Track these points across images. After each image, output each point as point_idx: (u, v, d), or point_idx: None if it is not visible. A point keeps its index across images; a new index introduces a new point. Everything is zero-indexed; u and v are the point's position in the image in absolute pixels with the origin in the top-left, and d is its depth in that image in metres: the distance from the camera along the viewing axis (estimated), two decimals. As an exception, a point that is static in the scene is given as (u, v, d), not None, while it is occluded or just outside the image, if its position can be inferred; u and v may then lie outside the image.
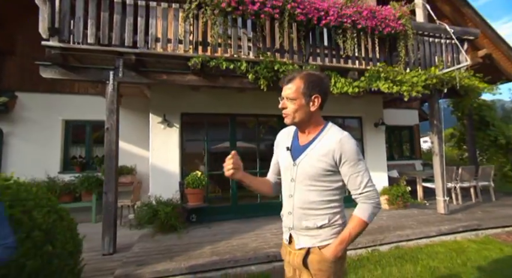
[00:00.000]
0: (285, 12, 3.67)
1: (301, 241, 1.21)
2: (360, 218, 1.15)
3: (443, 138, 4.88)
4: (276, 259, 3.07)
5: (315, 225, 1.17)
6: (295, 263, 1.22)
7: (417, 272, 2.76)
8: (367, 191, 1.15)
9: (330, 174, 1.17)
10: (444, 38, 4.89)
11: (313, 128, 1.24)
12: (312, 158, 1.19)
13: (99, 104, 5.67)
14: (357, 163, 1.15)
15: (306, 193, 1.20)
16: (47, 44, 3.16)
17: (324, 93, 1.21)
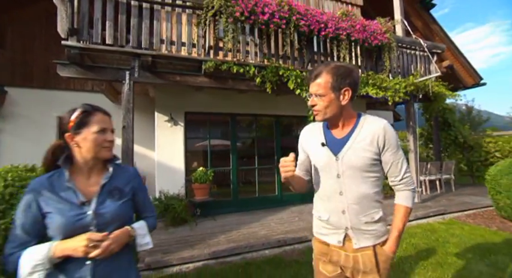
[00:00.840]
0: (291, 23, 4.07)
1: (361, 240, 1.12)
2: (406, 207, 1.14)
3: (416, 137, 5.65)
4: (286, 244, 3.49)
5: (373, 219, 1.12)
6: (361, 265, 1.12)
7: (403, 248, 3.33)
8: (407, 177, 1.15)
9: (375, 164, 1.14)
10: (419, 50, 5.64)
11: (348, 120, 1.19)
12: (357, 149, 1.13)
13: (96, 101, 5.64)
14: (398, 150, 1.14)
15: (358, 186, 1.13)
16: (66, 43, 3.22)
17: (355, 84, 1.15)
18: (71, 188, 0.95)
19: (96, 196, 0.97)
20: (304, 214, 4.82)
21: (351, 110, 1.19)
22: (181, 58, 3.78)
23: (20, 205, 0.92)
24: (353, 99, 1.17)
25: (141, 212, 1.11)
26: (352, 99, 1.16)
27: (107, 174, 1.03)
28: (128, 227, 1.00)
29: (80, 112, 1.01)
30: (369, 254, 1.11)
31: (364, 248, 1.12)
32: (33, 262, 0.84)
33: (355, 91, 1.16)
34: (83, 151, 0.99)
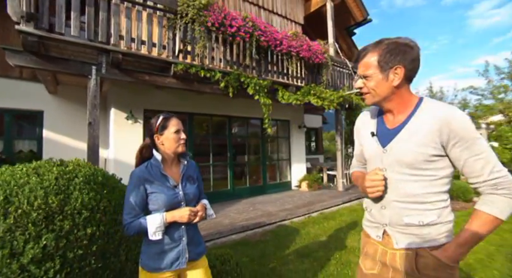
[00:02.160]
0: (253, 37, 4.63)
1: (402, 240, 1.00)
2: (488, 215, 0.88)
3: (345, 138, 7.06)
4: (248, 229, 4.06)
5: (421, 222, 0.96)
6: (399, 265, 1.01)
7: (336, 223, 4.35)
8: (495, 178, 0.88)
9: (434, 160, 0.94)
10: (346, 69, 7.04)
11: (403, 106, 1.01)
12: (408, 142, 0.97)
13: (24, 90, 4.98)
14: (474, 143, 0.89)
15: (404, 183, 0.98)
16: (22, 29, 2.94)
17: (410, 61, 0.96)
18: (165, 175, 1.30)
19: (180, 181, 1.34)
20: (255, 204, 5.49)
21: (408, 93, 1.01)
22: (152, 58, 3.87)
23: (130, 188, 1.23)
24: (410, 79, 1.00)
25: (200, 194, 1.49)
26: (410, 80, 1.00)
27: (183, 165, 1.39)
28: (203, 202, 1.40)
29: (162, 118, 1.34)
30: (410, 254, 0.98)
31: (408, 249, 0.98)
32: (155, 225, 1.18)
33: (411, 71, 0.98)
34: (165, 148, 1.33)
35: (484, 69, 10.44)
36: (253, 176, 6.87)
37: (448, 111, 0.92)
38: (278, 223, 4.40)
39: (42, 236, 1.27)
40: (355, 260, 2.88)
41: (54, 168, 1.53)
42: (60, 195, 1.42)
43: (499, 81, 9.87)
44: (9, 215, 1.24)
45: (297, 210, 4.90)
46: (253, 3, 6.94)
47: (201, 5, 3.99)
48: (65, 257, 1.31)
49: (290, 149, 7.60)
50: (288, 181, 7.49)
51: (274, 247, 3.40)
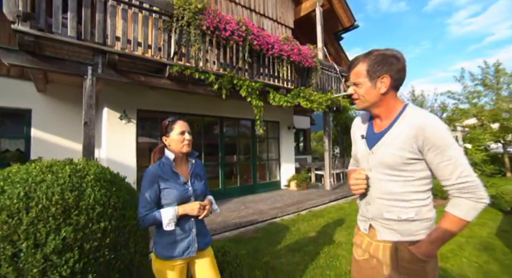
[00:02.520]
0: (246, 41, 4.79)
1: (383, 233, 1.12)
2: (454, 216, 0.98)
3: (331, 139, 7.34)
4: (241, 226, 4.21)
5: (399, 218, 1.06)
6: (381, 256, 1.12)
7: (324, 220, 4.58)
8: (462, 182, 0.96)
9: (412, 163, 1.04)
10: (333, 72, 7.33)
11: (389, 112, 1.11)
12: (390, 146, 1.07)
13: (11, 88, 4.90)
14: (446, 149, 0.97)
15: (385, 183, 1.09)
16: (18, 28, 2.95)
17: (396, 71, 1.06)
18: (176, 173, 1.43)
19: (189, 178, 1.47)
20: (247, 203, 5.65)
21: (396, 101, 1.11)
22: (148, 59, 3.94)
23: (145, 184, 1.35)
24: (397, 87, 1.11)
25: (206, 190, 1.63)
26: (396, 88, 1.10)
27: (191, 164, 1.52)
28: (209, 198, 1.54)
29: (169, 121, 1.48)
30: (390, 247, 1.09)
31: (387, 241, 1.10)
32: (168, 218, 1.31)
33: (396, 80, 1.08)
34: (172, 148, 1.46)
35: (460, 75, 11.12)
36: (243, 176, 7.01)
37: (424, 119, 1.01)
38: (269, 221, 4.57)
39: (61, 229, 1.37)
40: (343, 253, 3.10)
41: (67, 167, 1.62)
42: (74, 191, 1.52)
43: (473, 87, 10.56)
44: (31, 209, 1.33)
45: (287, 208, 5.09)
46: (245, 7, 7.10)
47: (196, 9, 4.10)
48: (82, 249, 1.41)
49: (279, 149, 7.80)
50: (277, 181, 7.69)
51: (267, 243, 3.56)
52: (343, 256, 3.02)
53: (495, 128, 10.27)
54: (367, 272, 1.19)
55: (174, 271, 1.39)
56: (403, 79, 1.10)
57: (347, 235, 3.73)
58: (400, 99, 1.14)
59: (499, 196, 4.72)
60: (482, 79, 10.46)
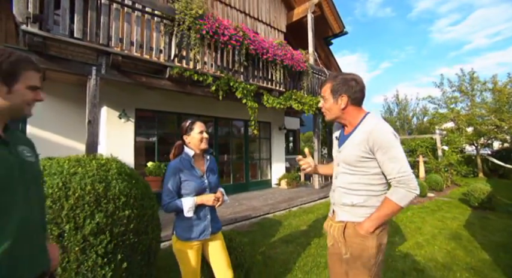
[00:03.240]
0: (243, 46, 5.04)
1: (339, 215, 1.37)
2: (388, 199, 1.23)
3: (320, 140, 7.71)
4: (237, 221, 4.45)
5: (351, 202, 1.31)
6: (335, 234, 1.38)
7: (314, 216, 4.91)
8: (399, 176, 1.20)
9: (365, 161, 1.27)
10: (324, 76, 7.70)
11: (352, 121, 1.35)
12: (349, 146, 1.32)
13: None
14: (388, 151, 1.21)
15: (346, 175, 1.35)
16: (28, 29, 3.07)
17: (352, 92, 1.31)
18: (194, 167, 1.67)
19: (205, 172, 1.72)
20: (240, 200, 5.89)
21: (356, 112, 1.34)
22: (150, 61, 4.11)
23: (168, 176, 1.59)
24: (356, 103, 1.33)
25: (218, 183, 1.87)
26: (356, 104, 1.33)
27: (207, 159, 1.77)
28: (221, 190, 1.78)
29: (189, 122, 1.71)
30: (340, 226, 1.35)
31: (340, 221, 1.36)
32: (188, 206, 1.55)
33: (354, 99, 1.32)
34: (192, 145, 1.70)
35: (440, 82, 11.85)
36: (236, 174, 7.25)
37: (373, 125, 1.25)
38: (262, 216, 4.84)
39: (95, 214, 1.58)
40: (330, 243, 3.42)
41: (93, 161, 1.82)
42: (102, 183, 1.72)
43: (451, 93, 11.29)
44: (69, 197, 1.54)
45: (279, 205, 5.39)
46: (240, 11, 7.34)
47: (197, 14, 4.31)
48: (112, 232, 1.63)
49: (271, 149, 8.10)
50: (268, 179, 7.98)
51: (262, 235, 3.83)
52: (332, 245, 3.34)
53: (470, 132, 11.04)
54: (334, 256, 1.45)
55: (192, 250, 1.63)
56: (361, 98, 1.35)
57: (335, 228, 4.06)
58: (363, 109, 1.38)
59: (469, 193, 5.22)
60: (459, 86, 11.20)
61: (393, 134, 1.24)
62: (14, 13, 3.06)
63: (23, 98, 0.90)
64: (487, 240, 3.45)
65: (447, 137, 9.26)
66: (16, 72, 0.88)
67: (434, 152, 9.12)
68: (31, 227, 0.89)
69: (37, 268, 0.92)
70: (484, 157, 11.10)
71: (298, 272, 2.64)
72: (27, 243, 0.87)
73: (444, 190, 7.36)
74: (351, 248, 1.31)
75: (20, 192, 0.86)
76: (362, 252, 1.28)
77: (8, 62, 0.86)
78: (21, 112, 0.94)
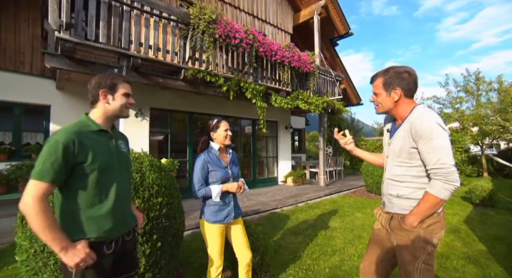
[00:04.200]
0: (253, 48, 5.27)
1: (388, 206, 1.43)
2: (427, 193, 1.23)
3: (325, 139, 7.91)
4: (246, 215, 4.70)
5: (397, 194, 1.35)
6: (383, 223, 1.45)
7: (320, 211, 5.13)
8: (437, 168, 1.19)
9: (410, 152, 1.29)
10: (328, 76, 7.90)
11: (403, 113, 1.36)
12: (398, 138, 1.35)
13: (33, 85, 5.24)
14: (430, 141, 1.20)
15: (393, 167, 1.39)
16: (61, 36, 3.35)
17: (406, 84, 1.33)
18: (220, 159, 1.92)
19: (228, 164, 1.96)
20: (248, 196, 6.14)
21: (407, 104, 1.36)
22: (167, 63, 4.37)
23: (198, 166, 1.85)
24: (410, 95, 1.36)
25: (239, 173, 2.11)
26: (409, 96, 1.36)
27: (229, 153, 2.02)
28: (242, 180, 2.03)
29: (216, 121, 1.96)
30: (387, 217, 1.42)
31: (388, 212, 1.42)
32: (216, 192, 1.81)
33: (407, 90, 1.34)
34: (217, 141, 1.95)
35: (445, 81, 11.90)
36: (244, 171, 7.50)
37: (417, 116, 1.27)
38: (271, 211, 5.09)
39: (135, 200, 1.84)
40: (337, 235, 3.64)
41: (147, 158, 2.09)
42: (138, 173, 1.98)
43: (456, 93, 11.35)
44: (115, 185, 1.80)
45: (286, 200, 5.62)
46: (249, 13, 7.58)
47: (210, 19, 4.55)
48: (148, 216, 1.88)
49: (277, 148, 8.33)
50: (275, 177, 8.22)
51: (271, 228, 4.08)
52: (338, 237, 3.57)
53: (475, 132, 11.10)
54: (377, 237, 1.53)
55: (217, 232, 1.88)
56: (415, 90, 1.37)
57: (341, 223, 4.29)
58: (414, 102, 1.39)
59: (471, 191, 5.39)
60: (464, 86, 11.27)
61: (437, 124, 1.22)
62: (49, 21, 3.34)
63: (121, 102, 1.27)
64: (484, 233, 3.64)
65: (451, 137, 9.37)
66: (115, 85, 1.25)
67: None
68: (123, 194, 1.27)
69: (128, 224, 1.31)
70: (489, 157, 11.16)
71: (307, 259, 2.88)
72: (122, 204, 1.25)
73: (447, 189, 7.50)
74: (397, 239, 1.35)
75: (117, 170, 1.24)
76: (408, 244, 1.30)
77: (110, 78, 1.25)
78: (121, 113, 1.30)
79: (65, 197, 1.14)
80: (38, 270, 1.72)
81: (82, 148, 1.12)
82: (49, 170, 1.04)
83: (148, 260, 1.86)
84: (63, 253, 1.04)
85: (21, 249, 1.77)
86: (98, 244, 1.16)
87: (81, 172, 1.12)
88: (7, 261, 2.72)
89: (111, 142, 1.27)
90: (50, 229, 1.01)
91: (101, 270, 1.16)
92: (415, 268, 1.30)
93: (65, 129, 1.14)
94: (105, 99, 1.25)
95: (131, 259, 1.38)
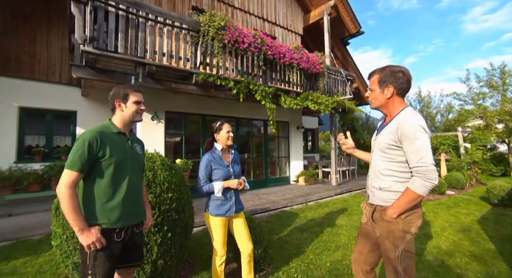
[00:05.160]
0: (261, 52, 5.45)
1: (371, 198, 1.54)
2: (408, 189, 1.33)
3: (337, 138, 7.92)
4: (256, 212, 4.88)
5: (379, 186, 1.46)
6: (367, 215, 1.57)
7: (329, 209, 5.20)
8: (419, 166, 1.29)
9: (393, 148, 1.40)
10: (339, 76, 7.90)
11: (393, 112, 1.46)
12: (383, 134, 1.45)
13: (62, 93, 5.74)
14: (413, 142, 1.30)
15: (377, 161, 1.49)
16: (86, 49, 3.70)
17: (399, 83, 1.42)
18: (223, 159, 2.12)
19: (230, 163, 2.16)
20: (259, 195, 6.32)
21: (398, 103, 1.46)
22: (179, 69, 4.65)
23: (202, 165, 2.05)
24: (401, 94, 1.45)
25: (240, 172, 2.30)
26: (401, 95, 1.45)
27: (232, 153, 2.21)
28: (243, 178, 2.22)
29: (219, 123, 2.16)
30: (370, 209, 1.54)
31: (371, 204, 1.53)
32: (218, 188, 2.01)
33: (400, 89, 1.43)
34: (220, 142, 2.15)
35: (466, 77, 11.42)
36: (256, 171, 7.69)
37: (403, 118, 1.37)
38: (280, 209, 5.23)
39: (148, 195, 2.08)
40: (343, 232, 3.73)
41: (159, 158, 2.35)
42: (151, 171, 2.22)
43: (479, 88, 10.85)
44: (130, 181, 2.04)
45: (296, 199, 5.74)
46: (259, 17, 7.77)
47: (219, 26, 4.79)
48: (160, 209, 2.12)
49: (289, 148, 8.44)
50: (287, 176, 8.33)
51: (279, 225, 4.23)
52: (343, 234, 3.66)
53: (500, 129, 10.56)
54: (364, 230, 1.65)
55: (219, 224, 2.07)
56: (407, 89, 1.47)
57: (348, 220, 4.35)
58: (405, 103, 1.49)
59: (489, 190, 5.22)
60: (488, 81, 10.75)
61: (421, 127, 1.33)
62: (75, 36, 3.72)
63: (133, 109, 1.51)
64: (497, 233, 3.57)
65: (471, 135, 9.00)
66: (127, 95, 1.48)
67: (458, 150, 8.92)
68: (134, 189, 1.49)
69: (137, 217, 1.53)
70: (516, 156, 10.55)
71: (310, 254, 3.01)
72: (131, 198, 1.47)
73: (466, 188, 7.26)
74: (379, 229, 1.47)
75: (130, 167, 1.47)
76: (388, 234, 1.42)
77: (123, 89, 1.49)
78: (134, 118, 1.54)
79: (86, 186, 1.39)
80: (69, 253, 2.01)
81: (102, 145, 1.37)
82: (77, 161, 1.30)
83: (160, 249, 2.09)
84: (80, 233, 1.28)
85: (56, 235, 2.07)
86: (109, 231, 1.38)
87: (100, 165, 1.37)
88: (44, 249, 3.09)
89: (127, 143, 1.52)
90: (73, 211, 1.27)
91: (110, 255, 1.38)
92: (396, 256, 1.41)
93: (91, 129, 1.41)
94: (120, 107, 1.51)
95: (138, 250, 1.60)
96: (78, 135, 6.04)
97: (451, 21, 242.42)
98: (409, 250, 1.41)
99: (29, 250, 3.17)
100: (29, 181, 4.86)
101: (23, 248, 3.25)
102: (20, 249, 3.21)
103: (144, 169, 1.67)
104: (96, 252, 1.33)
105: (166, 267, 2.17)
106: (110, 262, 1.37)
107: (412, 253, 1.42)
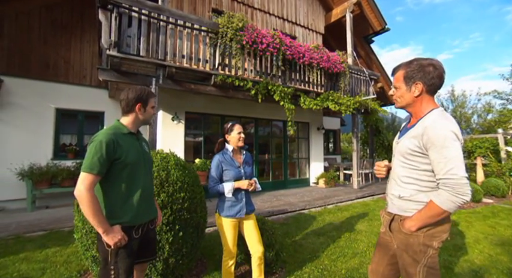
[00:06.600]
0: (280, 52, 5.40)
1: (389, 206, 1.40)
2: (431, 202, 1.16)
3: (358, 140, 7.61)
4: (273, 214, 4.83)
5: (398, 195, 1.32)
6: (385, 224, 1.42)
7: (349, 213, 5.00)
8: (447, 178, 1.11)
9: (417, 155, 1.23)
10: (362, 76, 7.59)
11: (419, 112, 1.29)
12: (406, 138, 1.29)
13: (92, 95, 6.11)
14: (442, 150, 1.13)
15: (398, 167, 1.34)
16: (111, 53, 3.91)
17: (429, 79, 1.22)
18: (234, 160, 2.11)
19: (241, 164, 2.14)
20: (277, 196, 6.25)
21: (426, 103, 1.28)
22: (198, 71, 4.75)
23: (213, 166, 2.05)
24: (432, 92, 1.26)
25: (252, 173, 2.28)
26: (432, 92, 1.26)
27: (243, 154, 2.19)
28: (254, 179, 2.19)
29: (230, 125, 2.15)
30: (388, 218, 1.39)
31: (390, 213, 1.39)
32: (228, 189, 2.00)
33: (430, 86, 1.24)
34: (231, 143, 2.14)
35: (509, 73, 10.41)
36: (275, 172, 7.63)
37: (431, 122, 1.19)
38: (298, 212, 5.13)
39: (160, 194, 2.12)
40: (362, 238, 3.56)
41: (158, 155, 2.40)
42: (164, 171, 2.27)
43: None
44: (144, 180, 2.10)
45: (315, 202, 5.60)
46: (279, 17, 7.71)
47: (237, 27, 4.81)
48: (172, 208, 2.16)
49: (309, 149, 8.27)
50: (306, 178, 8.17)
51: (295, 227, 4.14)
52: (362, 240, 3.49)
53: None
54: (383, 240, 1.51)
55: (230, 225, 2.06)
56: (439, 86, 1.27)
57: (368, 226, 4.15)
58: (434, 103, 1.30)
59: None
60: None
61: (452, 133, 1.15)
62: (102, 42, 3.94)
63: (150, 113, 1.59)
64: (541, 248, 3.19)
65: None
66: (147, 100, 1.55)
67: (498, 154, 8.16)
68: (147, 188, 1.55)
69: (151, 213, 1.60)
70: None
71: (325, 259, 2.90)
72: (146, 195, 1.53)
73: (508, 197, 6.62)
74: (396, 241, 1.33)
75: (143, 166, 1.52)
76: (407, 247, 1.28)
77: (145, 94, 1.57)
78: (148, 121, 1.63)
79: (104, 188, 1.43)
80: (88, 246, 2.11)
81: (119, 147, 1.41)
82: (96, 164, 1.33)
83: (171, 247, 2.13)
84: (105, 234, 1.33)
85: (78, 229, 2.19)
86: (128, 228, 1.43)
87: (117, 166, 1.41)
88: (72, 240, 3.28)
89: (137, 142, 1.56)
90: (97, 214, 1.31)
91: (130, 251, 1.44)
92: (416, 272, 1.27)
93: (104, 131, 1.44)
94: (140, 111, 1.55)
95: (152, 246, 1.67)
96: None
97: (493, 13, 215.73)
98: (433, 266, 1.25)
99: (60, 241, 3.41)
100: (62, 177, 5.23)
101: (55, 238, 3.52)
102: (53, 239, 3.48)
103: (152, 165, 1.72)
104: (118, 249, 1.38)
105: (178, 265, 2.21)
106: (130, 258, 1.43)
107: (436, 270, 1.26)
